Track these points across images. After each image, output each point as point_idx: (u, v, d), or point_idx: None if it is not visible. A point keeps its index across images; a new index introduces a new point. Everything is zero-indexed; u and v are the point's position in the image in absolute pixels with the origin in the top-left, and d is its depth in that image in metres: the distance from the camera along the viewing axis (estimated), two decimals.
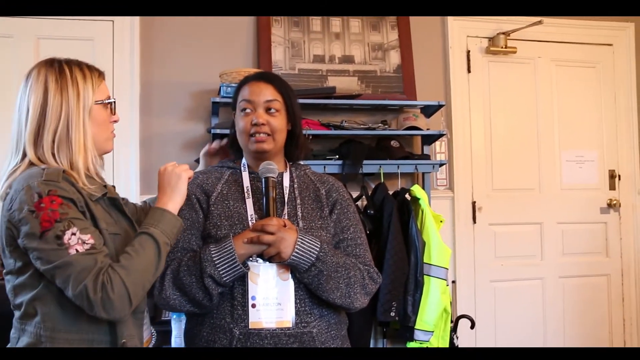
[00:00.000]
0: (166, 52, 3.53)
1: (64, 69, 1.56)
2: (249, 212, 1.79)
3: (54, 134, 1.52)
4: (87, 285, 1.39)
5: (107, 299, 1.40)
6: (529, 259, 3.93)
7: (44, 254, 1.40)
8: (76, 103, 1.54)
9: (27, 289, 1.47)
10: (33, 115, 1.52)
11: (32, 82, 1.55)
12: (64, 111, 1.53)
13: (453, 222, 3.80)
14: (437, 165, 3.52)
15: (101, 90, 1.61)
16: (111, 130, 1.66)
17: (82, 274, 1.39)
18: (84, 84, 1.56)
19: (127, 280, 1.43)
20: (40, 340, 1.45)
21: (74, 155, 1.52)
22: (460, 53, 3.88)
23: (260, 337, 1.69)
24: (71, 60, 1.61)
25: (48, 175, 1.45)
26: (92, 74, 1.60)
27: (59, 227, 1.40)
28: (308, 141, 1.99)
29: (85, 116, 1.55)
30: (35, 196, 1.41)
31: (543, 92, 4.00)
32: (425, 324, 3.11)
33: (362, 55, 3.69)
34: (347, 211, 1.90)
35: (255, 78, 1.90)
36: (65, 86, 1.54)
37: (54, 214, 1.40)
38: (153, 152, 3.47)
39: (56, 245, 1.39)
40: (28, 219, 1.40)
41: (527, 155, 3.96)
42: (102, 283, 1.40)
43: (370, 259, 1.88)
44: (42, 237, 1.39)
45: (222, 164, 1.95)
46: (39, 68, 1.57)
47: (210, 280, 1.66)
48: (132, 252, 1.49)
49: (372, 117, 3.66)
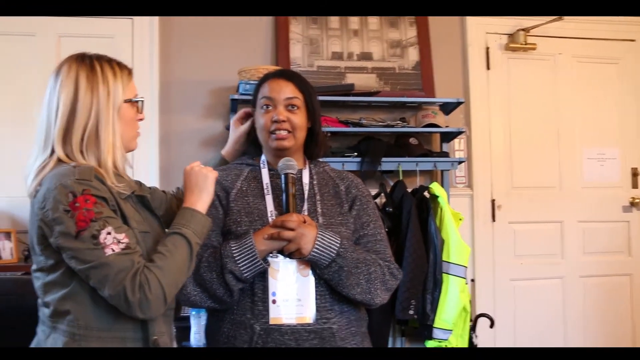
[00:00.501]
0: (185, 50, 3.54)
1: (95, 65, 1.54)
2: (269, 209, 1.79)
3: (82, 132, 1.50)
4: (125, 286, 1.39)
5: (145, 300, 1.40)
6: (549, 257, 3.89)
7: (79, 253, 1.39)
8: (106, 101, 1.53)
9: (58, 286, 1.47)
10: (63, 112, 1.50)
11: (62, 78, 1.53)
12: (94, 109, 1.51)
13: (472, 220, 3.77)
14: (456, 163, 3.50)
15: (130, 89, 1.61)
16: (137, 129, 1.67)
17: (119, 275, 1.39)
18: (114, 81, 1.55)
19: (163, 281, 1.44)
20: (74, 338, 1.45)
21: (102, 154, 1.51)
22: (479, 50, 3.85)
23: (280, 333, 1.69)
24: (102, 56, 1.59)
25: (81, 173, 1.44)
26: (122, 72, 1.59)
27: (94, 227, 1.39)
28: (327, 139, 1.99)
29: (114, 114, 1.54)
30: (69, 195, 1.40)
31: (563, 89, 3.96)
32: (444, 323, 3.10)
33: (380, 52, 3.68)
34: (366, 207, 1.89)
35: (276, 75, 1.90)
36: (96, 83, 1.52)
37: (89, 214, 1.40)
38: (172, 150, 3.48)
39: (92, 245, 1.39)
40: (63, 219, 1.39)
41: (548, 153, 3.92)
42: (140, 284, 1.40)
43: (390, 255, 1.87)
44: (77, 236, 1.39)
45: (242, 161, 1.95)
46: (69, 63, 1.55)
47: (230, 276, 1.67)
48: (166, 252, 1.49)
49: (390, 114, 3.64)
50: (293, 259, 1.73)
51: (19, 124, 3.33)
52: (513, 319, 3.81)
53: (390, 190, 3.33)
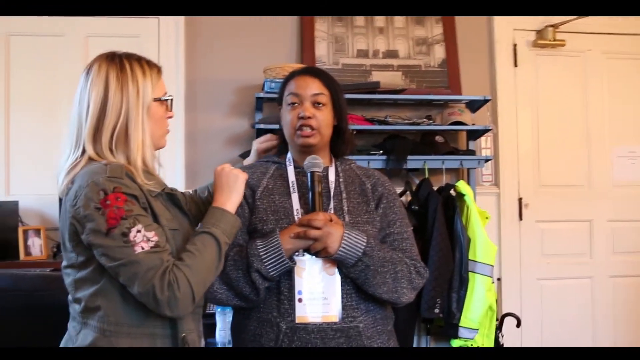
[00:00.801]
0: (210, 49, 3.56)
1: (124, 64, 1.55)
2: (295, 207, 1.79)
3: (112, 130, 1.52)
4: (154, 284, 1.40)
5: (174, 298, 1.42)
6: (577, 257, 3.84)
7: (110, 251, 1.41)
8: (136, 100, 1.54)
9: (89, 283, 1.49)
10: (93, 111, 1.52)
11: (93, 77, 1.54)
12: (124, 108, 1.52)
13: (499, 218, 3.74)
14: (482, 161, 3.47)
15: (159, 87, 1.62)
16: (166, 127, 1.68)
17: (149, 273, 1.40)
18: (143, 80, 1.56)
19: (192, 280, 1.45)
20: (104, 334, 1.47)
21: (131, 152, 1.53)
22: (506, 47, 3.81)
23: (307, 331, 1.69)
24: (131, 55, 1.60)
25: (112, 171, 1.46)
26: (152, 71, 1.60)
27: (124, 225, 1.41)
28: (353, 136, 1.98)
29: (144, 113, 1.55)
30: (101, 193, 1.42)
31: (593, 86, 3.90)
32: (470, 322, 3.07)
33: (406, 49, 3.66)
34: (393, 205, 1.88)
35: (302, 72, 1.89)
36: (125, 83, 1.53)
37: (119, 212, 1.41)
38: (198, 148, 3.51)
39: (122, 243, 1.40)
40: (94, 216, 1.41)
41: (576, 151, 3.87)
42: (169, 282, 1.41)
43: (416, 254, 1.86)
44: (108, 234, 1.40)
45: (268, 159, 1.95)
46: (100, 62, 1.56)
47: (257, 274, 1.67)
48: (195, 251, 1.50)
49: (416, 112, 3.62)
50: (319, 258, 1.72)
51: (48, 124, 3.39)
52: (540, 319, 3.77)
53: (416, 189, 3.31)
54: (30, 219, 3.32)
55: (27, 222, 3.28)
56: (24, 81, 3.42)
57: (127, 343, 1.48)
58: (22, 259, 3.10)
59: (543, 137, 3.83)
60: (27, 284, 2.01)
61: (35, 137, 3.40)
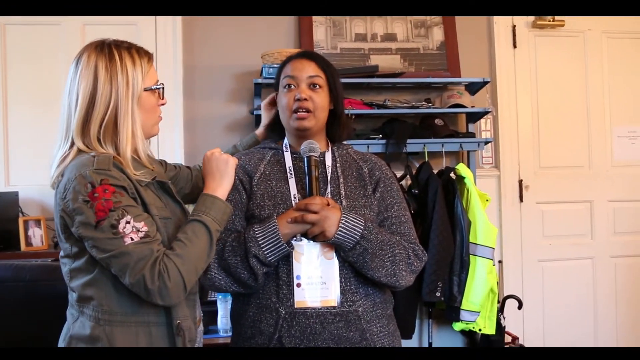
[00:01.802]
0: (208, 35, 3.54)
1: (113, 54, 1.54)
2: (292, 192, 1.79)
3: (101, 122, 1.51)
4: (145, 274, 1.41)
5: (164, 287, 1.43)
6: (578, 238, 3.84)
7: (99, 243, 1.42)
8: (125, 90, 1.53)
9: (82, 273, 1.51)
10: (82, 103, 1.51)
11: (81, 68, 1.53)
12: (113, 99, 1.51)
13: (499, 201, 3.74)
14: (482, 143, 3.46)
15: (150, 76, 1.60)
16: (158, 114, 1.67)
17: (139, 264, 1.42)
18: (133, 70, 1.55)
19: (182, 269, 1.46)
20: (99, 323, 1.49)
21: (121, 143, 1.52)
22: (505, 28, 3.78)
23: (306, 316, 1.69)
24: (121, 43, 1.59)
25: (99, 163, 1.45)
26: (142, 59, 1.58)
27: (113, 216, 1.42)
28: (351, 121, 1.97)
29: (134, 104, 1.54)
30: (88, 186, 1.42)
31: (593, 66, 3.88)
32: (472, 305, 3.08)
33: (404, 32, 3.63)
34: (390, 189, 1.88)
35: (298, 56, 1.89)
36: (115, 73, 1.52)
37: (107, 204, 1.42)
38: (197, 135, 3.50)
39: (111, 235, 1.41)
40: (82, 209, 1.42)
41: (576, 132, 3.85)
42: (159, 272, 1.42)
43: (415, 237, 1.86)
44: (97, 226, 1.41)
45: (264, 145, 1.95)
46: (89, 52, 1.55)
47: (255, 260, 1.67)
48: (185, 240, 1.51)
49: (415, 95, 3.61)
50: (317, 242, 1.72)
51: (46, 113, 3.38)
52: (542, 301, 3.78)
53: (415, 172, 3.30)
54: (30, 210, 3.32)
55: (27, 213, 3.28)
56: (21, 71, 3.40)
57: (122, 332, 1.49)
58: (23, 249, 3.11)
59: (543, 119, 3.82)
60: (28, 274, 2.02)
61: (33, 127, 3.39)
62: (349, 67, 3.41)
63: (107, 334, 1.48)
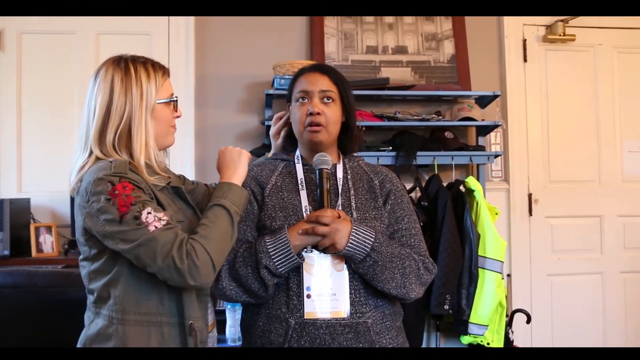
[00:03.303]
0: (220, 45, 3.57)
1: (129, 68, 1.61)
2: (303, 204, 1.80)
3: (116, 130, 1.58)
4: (173, 255, 1.46)
5: (194, 266, 1.48)
6: (587, 252, 3.83)
7: (126, 235, 1.47)
8: (139, 102, 1.60)
9: (101, 274, 1.57)
10: (99, 114, 1.59)
11: (100, 81, 1.61)
12: (127, 110, 1.59)
13: (508, 214, 3.73)
14: (492, 157, 3.46)
15: (165, 89, 1.67)
16: (172, 125, 1.72)
17: (166, 247, 1.47)
18: (147, 83, 1.62)
19: (209, 248, 1.51)
20: (112, 322, 1.54)
21: (134, 152, 1.59)
22: (516, 42, 3.80)
23: (315, 327, 1.70)
24: (137, 58, 1.66)
25: (116, 167, 1.52)
26: (157, 73, 1.65)
27: (135, 209, 1.48)
28: (362, 133, 1.98)
29: (147, 115, 1.61)
30: (108, 185, 1.49)
31: (604, 81, 3.88)
32: (480, 318, 3.07)
33: (415, 45, 3.65)
34: (401, 201, 1.89)
35: (312, 69, 1.90)
36: (129, 86, 1.60)
37: (128, 199, 1.48)
38: (208, 144, 3.52)
39: (135, 225, 1.47)
40: (106, 207, 1.48)
41: (586, 146, 3.85)
42: (187, 252, 1.48)
43: (425, 249, 1.87)
44: (121, 220, 1.47)
45: (276, 156, 1.96)
46: (107, 67, 1.63)
47: (265, 271, 1.68)
48: (207, 222, 1.57)
49: (425, 108, 3.62)
50: (327, 254, 1.73)
51: (59, 121, 3.41)
52: (550, 315, 3.76)
53: (425, 185, 3.31)
54: (41, 216, 3.34)
55: (38, 219, 3.30)
56: (35, 79, 3.44)
57: (134, 331, 1.53)
58: (34, 255, 3.13)
59: (553, 133, 3.82)
60: (40, 281, 2.04)
61: (46, 135, 3.43)
62: (360, 79, 3.42)
63: (119, 333, 1.53)
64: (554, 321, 3.77)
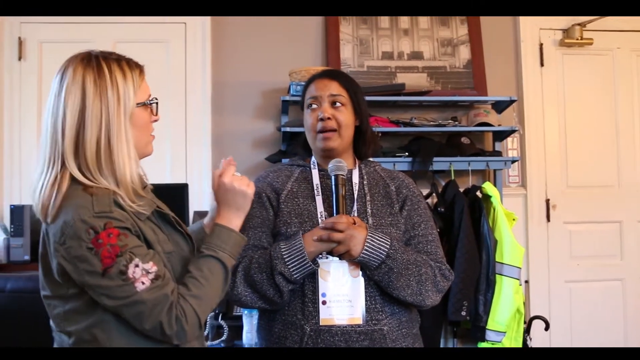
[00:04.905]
0: (237, 52, 3.60)
1: (102, 67, 1.39)
2: (319, 210, 1.80)
3: (96, 145, 1.37)
4: (162, 321, 1.33)
5: (182, 331, 1.36)
6: (607, 259, 3.79)
7: (109, 291, 1.31)
8: (116, 107, 1.38)
9: (82, 315, 1.37)
10: (71, 122, 1.36)
11: (67, 82, 1.38)
12: (104, 117, 1.37)
13: (526, 220, 3.71)
14: (509, 162, 3.45)
15: (143, 90, 1.46)
16: (151, 132, 1.51)
17: (155, 310, 1.33)
18: (124, 85, 1.40)
19: (199, 310, 1.39)
20: None
21: (118, 170, 1.38)
22: (532, 46, 3.78)
23: (331, 334, 1.69)
24: (109, 55, 1.44)
25: (98, 205, 1.33)
26: (133, 72, 1.43)
27: (121, 262, 1.30)
28: (377, 138, 1.98)
29: (126, 122, 1.39)
30: (90, 232, 1.30)
31: (622, 85, 3.84)
32: (497, 324, 3.05)
33: (431, 51, 3.65)
34: (417, 207, 1.87)
35: (321, 75, 1.91)
36: (104, 88, 1.38)
37: (114, 249, 1.30)
38: (224, 150, 3.54)
39: (121, 282, 1.30)
40: (87, 257, 1.29)
41: (605, 151, 3.81)
42: (177, 317, 1.35)
43: (442, 256, 1.85)
44: (105, 274, 1.30)
45: (292, 162, 1.97)
46: (74, 65, 1.40)
47: (280, 277, 1.68)
48: (201, 278, 1.42)
49: (442, 113, 3.61)
50: (343, 260, 1.73)
51: None
52: (569, 322, 3.73)
53: (441, 190, 3.30)
54: None
55: None
56: None
57: None
58: None
59: (570, 137, 3.79)
60: None
61: None
62: (376, 85, 3.43)
63: None
64: (572, 328, 3.73)
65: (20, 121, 3.51)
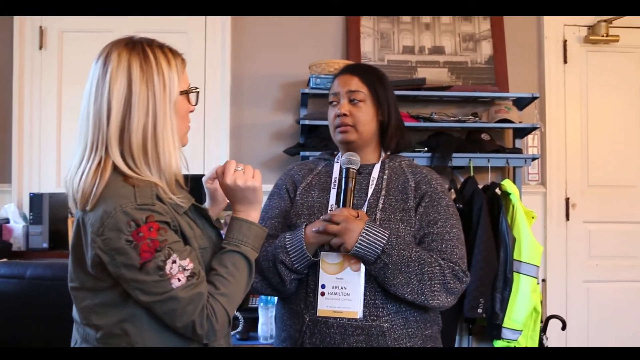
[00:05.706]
0: (257, 44, 3.59)
1: (147, 53, 1.37)
2: (331, 202, 1.80)
3: (143, 133, 1.34)
4: (194, 320, 1.32)
5: (212, 330, 1.35)
6: (627, 259, 3.73)
7: (145, 285, 1.30)
8: (162, 94, 1.36)
9: (113, 308, 1.35)
10: (117, 109, 1.33)
11: (112, 67, 1.35)
12: (151, 105, 1.34)
13: (545, 218, 3.67)
14: (529, 160, 3.41)
15: (184, 79, 1.44)
16: (188, 123, 1.49)
17: (187, 309, 1.31)
18: (169, 72, 1.38)
19: (228, 308, 1.38)
20: None
21: (163, 159, 1.36)
22: (556, 43, 3.73)
23: (327, 325, 1.69)
24: (152, 41, 1.42)
25: (141, 197, 1.31)
26: (177, 60, 1.42)
27: (160, 257, 1.29)
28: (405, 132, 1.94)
29: (171, 110, 1.37)
30: (132, 224, 1.28)
31: None
32: (514, 323, 3.03)
33: (452, 46, 3.61)
34: (437, 204, 1.79)
35: (343, 71, 1.91)
36: (150, 74, 1.35)
37: (154, 244, 1.29)
38: (243, 142, 3.55)
39: (158, 277, 1.29)
40: (125, 249, 1.28)
41: (627, 151, 3.76)
42: (208, 316, 1.34)
43: (458, 256, 1.75)
44: (142, 268, 1.28)
45: (321, 156, 1.98)
46: (119, 50, 1.37)
47: (282, 266, 1.70)
48: (227, 276, 1.40)
49: (462, 109, 3.58)
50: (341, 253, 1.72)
51: None
52: (586, 322, 3.69)
53: (460, 187, 3.27)
54: None
55: None
56: (75, 76, 3.51)
57: None
58: None
59: (592, 136, 3.74)
60: None
61: None
62: (396, 79, 3.40)
63: None
64: (590, 329, 3.69)
65: (41, 111, 3.54)
